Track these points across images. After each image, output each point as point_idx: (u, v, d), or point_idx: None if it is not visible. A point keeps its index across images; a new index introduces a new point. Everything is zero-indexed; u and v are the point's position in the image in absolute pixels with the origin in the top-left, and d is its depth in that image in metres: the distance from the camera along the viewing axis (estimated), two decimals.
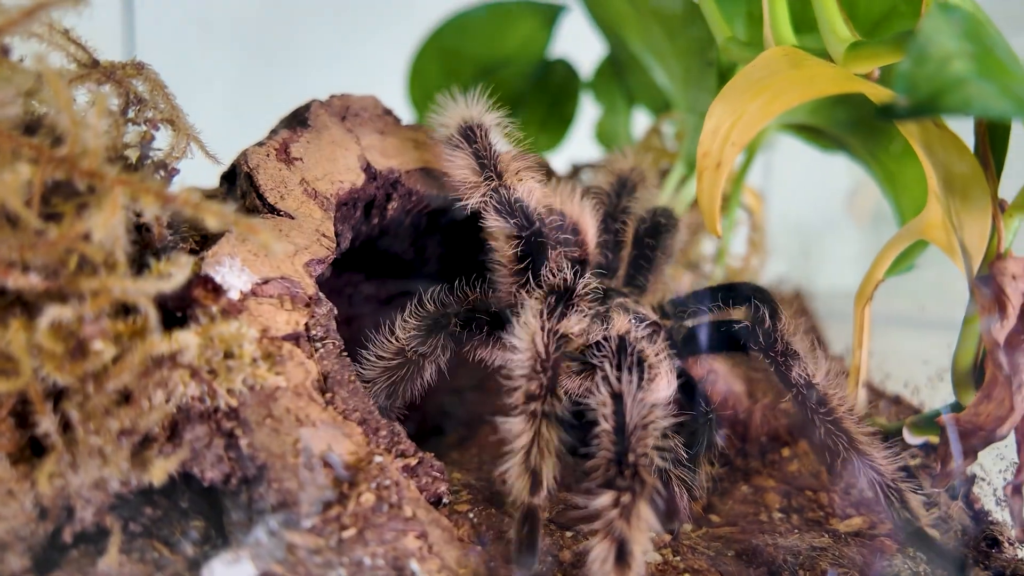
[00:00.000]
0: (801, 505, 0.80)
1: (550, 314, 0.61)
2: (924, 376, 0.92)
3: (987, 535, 0.74)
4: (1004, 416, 0.60)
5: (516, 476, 0.58)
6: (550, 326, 0.61)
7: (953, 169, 0.58)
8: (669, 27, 1.18)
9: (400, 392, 0.66)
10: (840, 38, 0.73)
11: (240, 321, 0.55)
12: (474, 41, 1.55)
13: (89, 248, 0.49)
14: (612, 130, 1.64)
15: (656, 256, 0.80)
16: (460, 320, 0.67)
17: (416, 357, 0.65)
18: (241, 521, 0.52)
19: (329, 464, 0.54)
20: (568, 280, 0.66)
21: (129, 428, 0.50)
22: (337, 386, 0.60)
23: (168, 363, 0.51)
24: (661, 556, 0.66)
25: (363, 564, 0.52)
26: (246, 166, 0.68)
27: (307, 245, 0.65)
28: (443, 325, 0.66)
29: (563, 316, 0.62)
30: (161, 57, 1.37)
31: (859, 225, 1.43)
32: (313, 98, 0.77)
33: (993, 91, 0.46)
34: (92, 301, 0.48)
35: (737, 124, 0.60)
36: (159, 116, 0.62)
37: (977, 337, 0.65)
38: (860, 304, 0.84)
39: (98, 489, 0.51)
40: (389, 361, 0.65)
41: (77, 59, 0.59)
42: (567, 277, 0.66)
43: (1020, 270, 0.60)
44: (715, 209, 0.60)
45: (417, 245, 0.88)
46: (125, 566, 0.52)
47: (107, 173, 0.48)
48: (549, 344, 0.60)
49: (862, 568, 0.66)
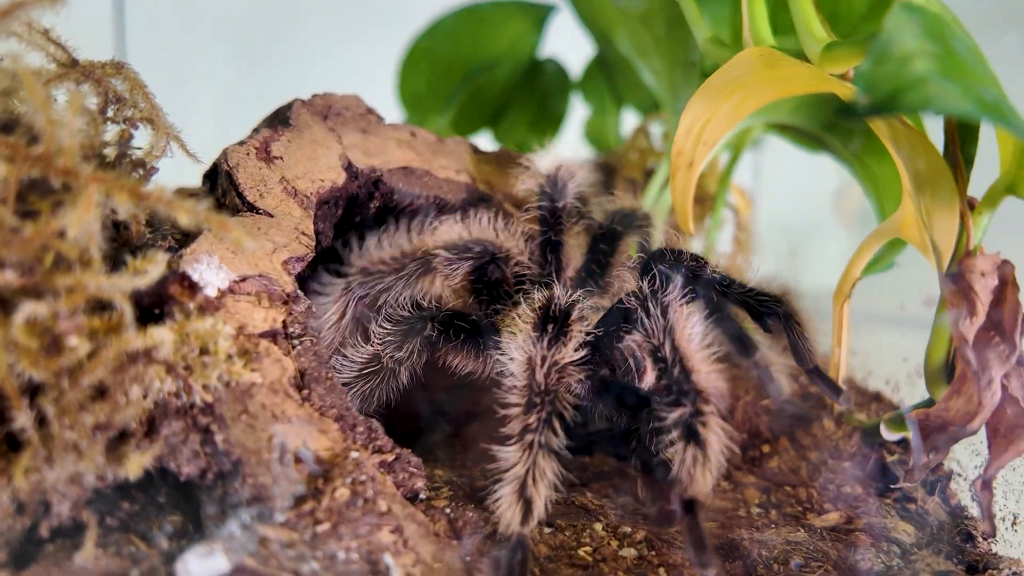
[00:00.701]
0: (780, 500, 0.81)
1: (549, 343, 0.60)
2: (904, 373, 0.93)
3: (962, 530, 0.74)
4: (973, 411, 0.61)
5: (508, 505, 0.58)
6: (550, 357, 0.60)
7: (921, 168, 0.58)
8: (654, 27, 1.18)
9: (375, 398, 0.67)
10: (816, 39, 0.74)
11: (216, 318, 0.56)
12: (464, 41, 1.56)
13: (64, 245, 0.49)
14: (601, 130, 1.65)
15: (610, 261, 0.79)
16: (437, 325, 0.67)
17: (392, 363, 0.66)
18: (215, 515, 0.53)
19: (302, 459, 0.54)
20: (561, 303, 0.63)
21: (104, 423, 0.51)
22: (314, 383, 0.61)
23: (143, 359, 0.52)
24: (636, 551, 0.66)
25: (337, 558, 0.53)
26: (226, 165, 0.68)
27: (286, 243, 0.65)
28: (419, 330, 0.66)
29: (561, 344, 0.61)
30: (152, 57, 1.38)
31: (845, 225, 1.43)
32: (295, 97, 0.78)
33: (954, 91, 0.46)
34: (67, 297, 0.49)
35: (709, 123, 0.61)
36: (138, 115, 0.62)
37: (948, 334, 0.65)
38: (839, 302, 0.85)
39: (74, 484, 0.51)
40: (364, 367, 0.66)
41: (56, 59, 0.60)
42: (559, 298, 0.64)
43: (989, 267, 0.61)
44: (688, 207, 0.60)
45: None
46: (101, 560, 0.52)
47: (82, 171, 0.49)
48: (549, 376, 0.59)
49: (836, 562, 0.67)
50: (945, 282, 0.61)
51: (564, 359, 0.60)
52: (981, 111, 0.46)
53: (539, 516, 0.58)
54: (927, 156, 0.57)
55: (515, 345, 0.61)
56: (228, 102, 1.62)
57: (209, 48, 1.64)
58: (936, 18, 0.51)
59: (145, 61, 1.19)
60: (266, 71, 1.70)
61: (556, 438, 0.59)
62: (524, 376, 0.60)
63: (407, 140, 0.83)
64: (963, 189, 0.60)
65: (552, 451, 0.58)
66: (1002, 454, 0.61)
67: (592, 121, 1.66)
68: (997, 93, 0.48)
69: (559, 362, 0.60)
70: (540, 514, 0.58)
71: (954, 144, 0.60)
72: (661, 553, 0.67)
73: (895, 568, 0.67)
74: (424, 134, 0.85)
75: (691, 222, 0.61)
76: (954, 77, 0.47)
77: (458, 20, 1.54)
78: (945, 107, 0.45)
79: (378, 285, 0.70)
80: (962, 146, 0.61)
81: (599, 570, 0.64)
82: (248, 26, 1.72)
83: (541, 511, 0.58)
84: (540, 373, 0.59)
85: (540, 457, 0.58)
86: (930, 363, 0.68)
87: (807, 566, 0.67)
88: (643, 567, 0.65)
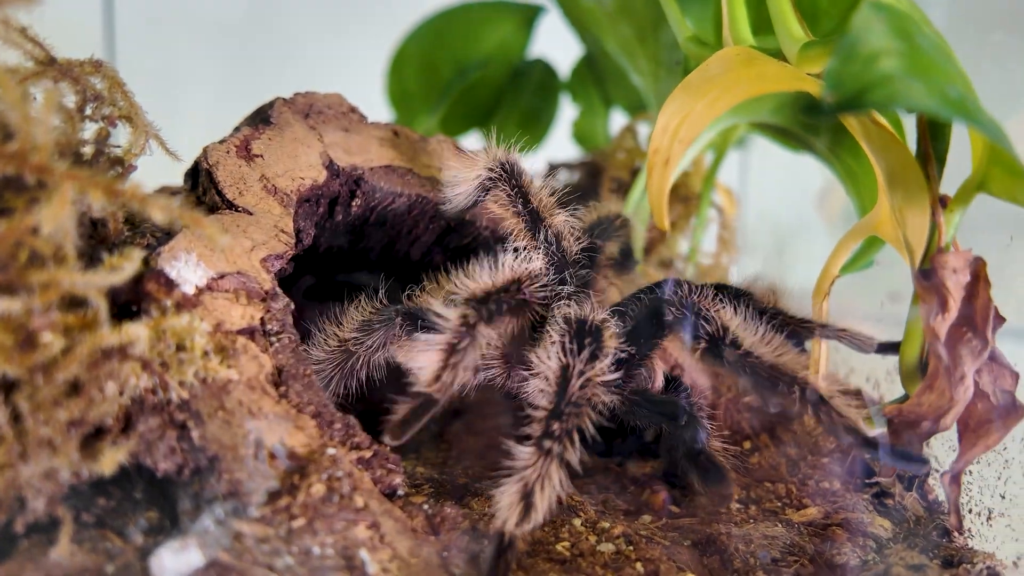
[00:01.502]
0: (759, 496, 0.81)
1: (588, 358, 0.61)
2: (884, 370, 0.93)
3: (938, 525, 0.75)
4: (946, 407, 0.62)
5: (509, 504, 0.57)
6: (587, 370, 0.60)
7: (893, 165, 0.59)
8: (639, 28, 1.19)
9: (337, 386, 0.67)
10: (794, 38, 0.74)
11: (192, 315, 0.56)
12: (453, 41, 1.56)
13: (38, 242, 0.49)
14: (590, 130, 1.65)
15: (595, 275, 0.79)
16: (404, 318, 0.67)
17: (358, 351, 0.66)
18: (190, 510, 0.53)
19: (276, 455, 0.55)
20: (596, 318, 0.64)
21: (79, 419, 0.51)
22: (292, 380, 0.61)
23: (118, 355, 0.52)
24: (614, 546, 0.67)
25: (312, 553, 0.53)
26: (206, 163, 0.69)
27: (265, 241, 0.66)
28: (387, 320, 0.67)
29: (598, 360, 0.61)
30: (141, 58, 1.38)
31: (829, 224, 1.44)
32: (277, 95, 0.78)
33: (919, 88, 0.47)
34: (41, 294, 0.49)
35: (685, 121, 0.61)
36: (117, 113, 0.63)
37: (922, 330, 0.66)
38: (817, 300, 0.85)
39: (49, 479, 0.52)
40: (331, 353, 0.66)
41: (34, 57, 0.60)
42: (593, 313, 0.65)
43: (961, 264, 0.61)
44: (663, 204, 0.61)
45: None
46: (76, 556, 0.53)
47: (56, 168, 0.49)
48: (583, 389, 0.60)
49: (812, 556, 0.68)
50: (917, 279, 0.62)
51: (598, 376, 0.61)
52: (945, 108, 0.47)
53: (536, 522, 0.57)
54: (898, 153, 0.58)
55: (552, 352, 0.61)
56: (218, 102, 1.62)
57: (199, 49, 1.64)
58: (904, 16, 0.51)
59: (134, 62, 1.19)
60: (256, 71, 1.70)
61: (573, 451, 0.59)
62: (556, 383, 0.60)
63: (389, 139, 0.83)
64: (934, 186, 0.61)
65: (565, 462, 0.58)
66: (971, 448, 0.62)
67: (581, 121, 1.66)
68: (963, 90, 0.48)
69: (592, 378, 0.60)
70: (538, 521, 0.57)
71: (925, 141, 0.61)
72: (639, 548, 0.67)
73: (871, 562, 0.67)
74: (407, 133, 0.85)
75: (667, 219, 0.62)
76: (920, 75, 0.48)
77: (447, 20, 1.55)
78: (910, 104, 0.46)
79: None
80: (933, 143, 0.61)
81: (577, 565, 0.64)
82: (238, 26, 1.73)
83: (540, 518, 0.57)
84: (575, 384, 0.59)
85: (553, 466, 0.58)
86: (904, 360, 0.68)
87: (783, 560, 0.67)
88: (620, 562, 0.65)
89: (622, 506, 0.80)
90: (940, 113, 0.47)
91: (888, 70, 0.47)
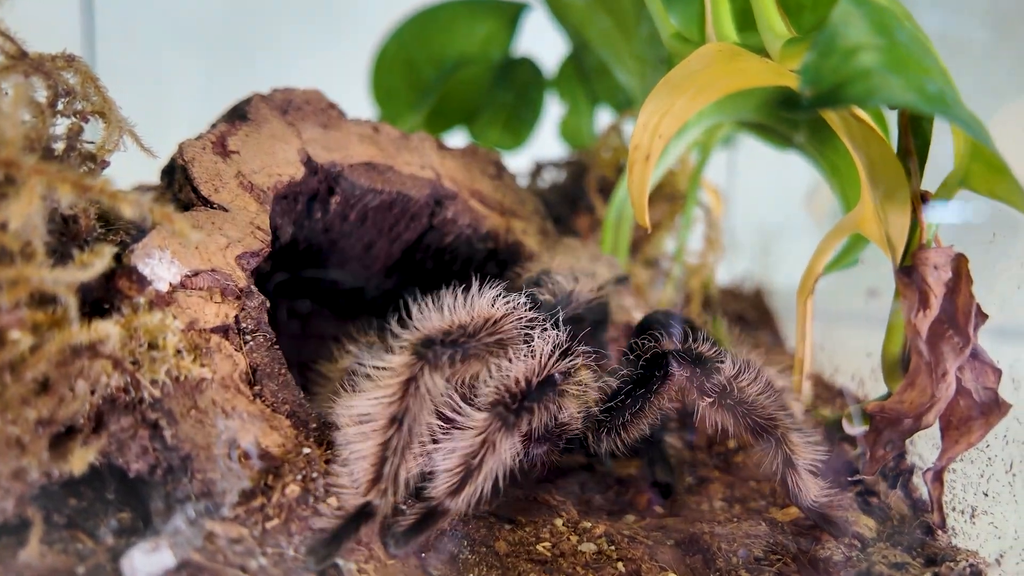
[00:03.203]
0: (744, 495, 0.81)
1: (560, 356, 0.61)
2: (868, 368, 0.93)
3: (922, 523, 0.75)
4: (928, 404, 0.61)
5: (447, 470, 0.56)
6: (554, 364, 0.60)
7: (874, 161, 0.59)
8: (624, 25, 1.19)
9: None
10: (777, 34, 0.74)
11: (165, 312, 0.55)
12: (437, 39, 1.56)
13: (6, 237, 0.48)
14: (576, 128, 1.65)
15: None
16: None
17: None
18: (162, 511, 0.52)
19: (250, 455, 0.54)
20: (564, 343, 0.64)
21: (48, 418, 0.50)
22: (266, 379, 0.60)
23: (88, 353, 0.51)
24: (595, 546, 0.66)
25: (286, 554, 0.52)
26: (181, 159, 0.68)
27: (240, 238, 0.65)
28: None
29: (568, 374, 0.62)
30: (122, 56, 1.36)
31: (817, 223, 1.44)
32: (254, 92, 0.77)
33: (897, 82, 0.46)
34: (9, 291, 0.48)
35: (665, 117, 0.61)
36: (89, 108, 0.62)
37: (903, 327, 0.66)
38: (802, 298, 0.85)
39: (18, 479, 0.51)
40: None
41: (4, 51, 0.59)
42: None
43: (942, 260, 0.61)
44: (644, 200, 0.60)
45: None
46: (47, 557, 0.52)
47: (24, 163, 0.48)
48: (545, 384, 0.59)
49: (795, 555, 0.67)
50: (898, 275, 0.62)
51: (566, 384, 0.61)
52: (924, 102, 0.46)
53: (471, 499, 0.57)
54: (879, 149, 0.58)
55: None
56: (201, 101, 1.60)
57: (181, 47, 1.62)
58: (883, 11, 0.51)
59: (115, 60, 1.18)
60: (240, 71, 1.69)
61: (514, 442, 0.58)
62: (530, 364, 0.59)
63: (369, 135, 0.82)
64: (915, 182, 0.61)
65: (502, 457, 0.57)
66: (953, 446, 0.62)
67: (567, 119, 1.66)
68: (942, 85, 0.48)
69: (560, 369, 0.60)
70: (473, 499, 0.57)
71: (907, 137, 0.60)
72: (620, 547, 0.66)
73: (854, 560, 0.67)
74: (388, 129, 0.84)
75: (647, 215, 0.61)
76: (898, 69, 0.47)
77: (431, 17, 1.54)
78: (888, 98, 0.45)
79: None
80: (915, 140, 0.61)
81: (558, 565, 0.64)
82: (222, 24, 1.71)
83: (477, 495, 0.57)
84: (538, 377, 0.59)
85: (500, 439, 0.56)
86: (886, 357, 0.68)
87: (766, 559, 0.67)
88: (602, 561, 0.65)
89: (605, 506, 0.80)
90: (919, 108, 0.47)
91: (867, 64, 0.46)
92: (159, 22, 1.55)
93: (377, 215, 0.82)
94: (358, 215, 0.81)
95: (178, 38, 1.60)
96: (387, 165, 0.81)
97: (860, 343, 1.03)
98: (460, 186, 0.87)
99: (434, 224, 0.85)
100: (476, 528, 0.65)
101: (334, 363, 0.73)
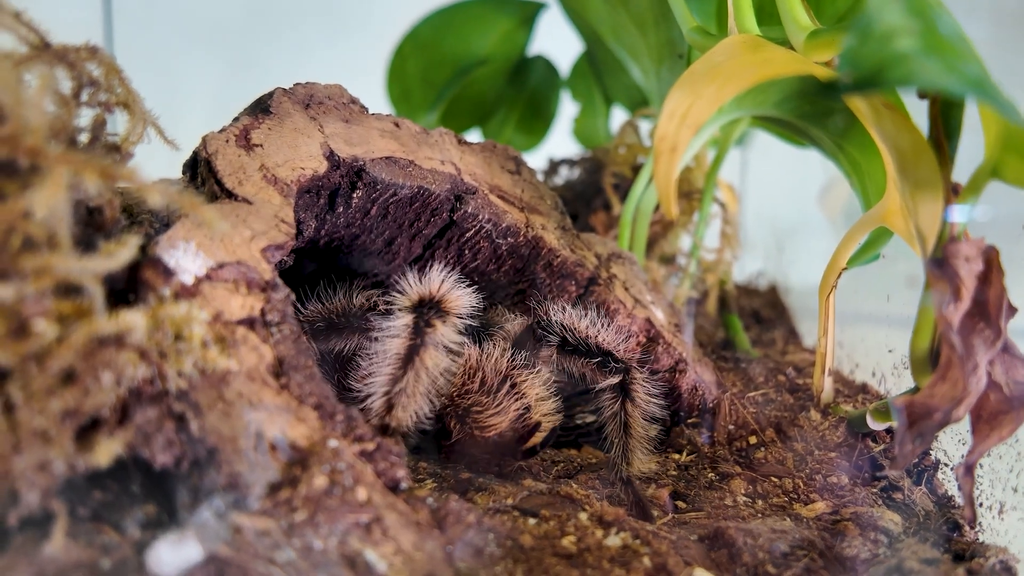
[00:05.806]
0: (766, 491, 0.80)
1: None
2: (890, 364, 0.92)
3: (948, 519, 0.74)
4: (958, 397, 0.61)
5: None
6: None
7: (905, 150, 0.58)
8: (641, 23, 1.18)
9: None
10: (801, 26, 0.73)
11: (191, 304, 0.55)
12: (452, 39, 1.55)
13: (32, 226, 0.48)
14: (590, 127, 1.64)
15: None
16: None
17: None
18: (188, 503, 0.52)
19: (277, 447, 0.53)
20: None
21: (73, 409, 0.49)
22: (293, 371, 0.60)
23: (114, 344, 0.50)
24: (620, 540, 0.65)
25: (313, 547, 0.52)
26: (205, 152, 0.67)
27: (265, 231, 0.64)
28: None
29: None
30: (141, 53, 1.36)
31: (831, 220, 1.44)
32: (277, 86, 0.77)
33: (936, 66, 0.46)
34: (35, 280, 0.48)
35: (692, 107, 0.60)
36: (114, 99, 0.61)
37: (933, 321, 0.65)
38: (824, 293, 0.84)
39: (43, 472, 0.50)
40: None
41: (28, 41, 0.59)
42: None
43: (974, 252, 0.60)
44: (671, 191, 0.60)
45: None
46: (72, 550, 0.51)
47: (49, 151, 0.48)
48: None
49: (822, 550, 0.67)
50: (929, 267, 0.61)
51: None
52: (964, 86, 0.46)
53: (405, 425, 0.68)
54: (911, 138, 0.57)
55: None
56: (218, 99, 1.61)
57: (200, 44, 1.63)
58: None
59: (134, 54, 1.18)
60: (257, 68, 1.69)
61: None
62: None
63: (391, 130, 0.82)
64: (947, 173, 0.60)
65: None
66: (984, 440, 0.61)
67: (581, 118, 1.65)
68: (979, 69, 0.47)
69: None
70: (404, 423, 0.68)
71: (937, 127, 0.60)
72: (646, 542, 0.66)
73: (882, 556, 0.66)
74: (408, 124, 0.84)
75: (674, 206, 0.61)
76: (936, 53, 0.47)
77: (446, 17, 1.54)
78: (928, 82, 0.45)
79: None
80: (946, 131, 0.60)
81: (583, 559, 0.63)
82: (238, 22, 1.72)
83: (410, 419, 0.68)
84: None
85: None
86: (915, 350, 0.67)
87: (792, 554, 0.66)
88: (628, 556, 0.64)
89: (625, 501, 0.79)
90: (959, 92, 0.46)
91: (905, 49, 0.46)
92: (176, 19, 1.56)
93: (398, 210, 0.82)
94: (379, 210, 0.81)
95: (195, 36, 1.60)
96: (408, 160, 0.81)
97: (880, 339, 1.02)
98: (480, 181, 0.86)
99: (455, 219, 0.85)
100: (501, 522, 0.65)
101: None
